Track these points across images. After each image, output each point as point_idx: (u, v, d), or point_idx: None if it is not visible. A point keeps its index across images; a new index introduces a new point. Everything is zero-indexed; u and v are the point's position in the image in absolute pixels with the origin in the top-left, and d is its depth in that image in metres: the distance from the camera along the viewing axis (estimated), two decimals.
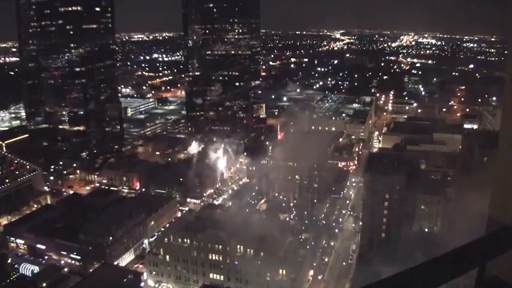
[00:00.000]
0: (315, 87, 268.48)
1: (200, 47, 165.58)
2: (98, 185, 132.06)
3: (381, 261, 77.15)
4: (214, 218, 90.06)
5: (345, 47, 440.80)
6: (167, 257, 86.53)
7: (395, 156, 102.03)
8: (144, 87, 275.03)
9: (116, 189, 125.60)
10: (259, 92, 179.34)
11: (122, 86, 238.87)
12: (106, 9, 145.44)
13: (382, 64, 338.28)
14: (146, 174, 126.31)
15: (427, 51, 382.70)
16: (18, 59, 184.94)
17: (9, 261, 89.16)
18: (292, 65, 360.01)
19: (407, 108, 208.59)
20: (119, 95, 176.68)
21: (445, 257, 3.68)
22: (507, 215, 4.27)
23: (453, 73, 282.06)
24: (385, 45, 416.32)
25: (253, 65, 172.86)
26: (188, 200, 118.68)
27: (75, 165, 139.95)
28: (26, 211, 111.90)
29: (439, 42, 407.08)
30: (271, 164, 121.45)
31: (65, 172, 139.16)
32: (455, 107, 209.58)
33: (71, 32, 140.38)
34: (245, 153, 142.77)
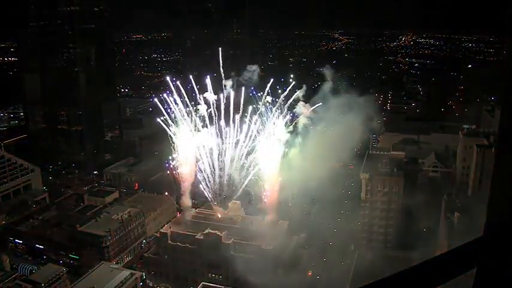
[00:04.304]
0: (313, 87, 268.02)
1: (199, 47, 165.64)
2: (96, 184, 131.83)
3: (378, 262, 77.37)
4: (213, 217, 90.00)
5: (344, 46, 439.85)
6: (166, 256, 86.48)
7: (393, 156, 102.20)
8: (143, 87, 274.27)
9: (114, 189, 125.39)
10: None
11: (121, 86, 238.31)
12: (105, 9, 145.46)
13: (381, 64, 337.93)
14: (144, 174, 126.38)
15: (426, 51, 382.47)
16: (16, 59, 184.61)
17: (8, 261, 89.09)
18: (290, 65, 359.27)
19: (405, 108, 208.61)
20: (118, 94, 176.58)
21: (444, 256, 3.69)
22: (506, 215, 4.27)
23: (452, 73, 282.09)
24: (384, 45, 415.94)
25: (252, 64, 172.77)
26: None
27: (73, 165, 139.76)
28: (24, 211, 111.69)
29: (437, 42, 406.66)
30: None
31: (63, 172, 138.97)
32: (453, 106, 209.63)
33: (70, 32, 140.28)
34: None
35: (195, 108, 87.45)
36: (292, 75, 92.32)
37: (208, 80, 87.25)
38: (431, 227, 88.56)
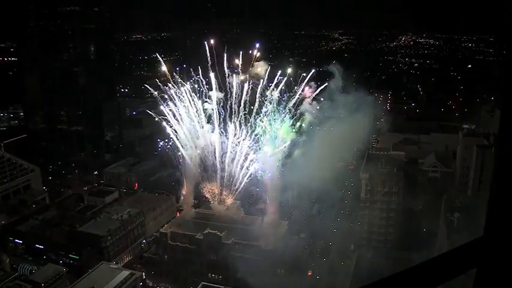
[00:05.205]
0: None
1: (197, 47, 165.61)
2: (96, 184, 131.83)
3: (378, 262, 77.42)
4: (213, 217, 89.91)
5: (343, 47, 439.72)
6: (166, 257, 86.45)
7: (393, 156, 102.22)
8: (143, 87, 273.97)
9: (114, 189, 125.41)
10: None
11: (120, 86, 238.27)
12: (105, 9, 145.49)
13: (381, 64, 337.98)
14: (144, 174, 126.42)
15: (425, 51, 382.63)
16: (16, 59, 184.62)
17: (8, 261, 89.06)
18: (290, 65, 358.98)
19: (405, 108, 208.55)
20: (117, 94, 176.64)
21: (444, 256, 3.69)
22: (506, 215, 4.27)
23: (451, 73, 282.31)
24: (383, 45, 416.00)
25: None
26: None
27: (73, 165, 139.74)
28: (24, 211, 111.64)
29: (437, 42, 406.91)
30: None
31: (63, 172, 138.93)
32: (453, 106, 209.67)
33: (70, 32, 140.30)
34: None
35: (202, 105, 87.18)
36: (303, 73, 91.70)
37: (213, 78, 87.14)
38: (431, 227, 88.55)
